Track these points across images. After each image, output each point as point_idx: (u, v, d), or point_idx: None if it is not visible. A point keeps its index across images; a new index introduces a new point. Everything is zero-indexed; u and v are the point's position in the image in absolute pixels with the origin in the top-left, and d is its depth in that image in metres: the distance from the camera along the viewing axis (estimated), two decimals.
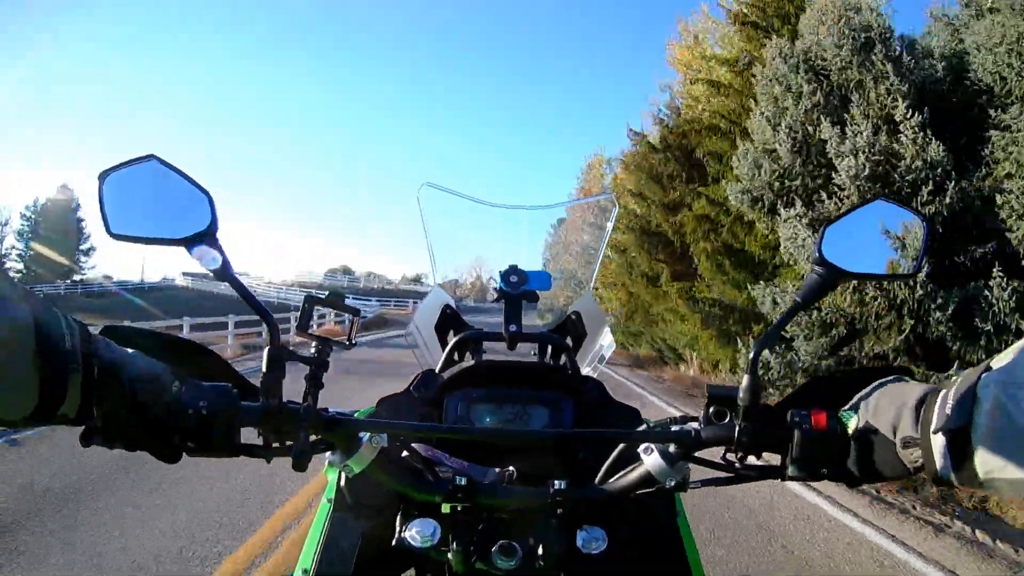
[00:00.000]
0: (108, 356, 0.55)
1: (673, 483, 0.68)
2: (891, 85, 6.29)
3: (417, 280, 54.96)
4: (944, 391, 0.54)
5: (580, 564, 0.73)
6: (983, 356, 5.02)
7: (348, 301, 0.73)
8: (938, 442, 0.53)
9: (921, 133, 5.87)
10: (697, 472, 0.71)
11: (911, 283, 5.63)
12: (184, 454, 0.61)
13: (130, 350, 0.59)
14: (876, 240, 0.71)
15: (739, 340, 8.27)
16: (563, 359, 1.08)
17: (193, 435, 0.59)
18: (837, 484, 0.66)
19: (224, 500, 3.68)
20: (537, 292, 1.07)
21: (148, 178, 0.63)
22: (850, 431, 0.62)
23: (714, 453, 0.69)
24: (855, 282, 5.22)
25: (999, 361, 0.51)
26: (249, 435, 0.64)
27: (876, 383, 0.65)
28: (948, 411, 0.52)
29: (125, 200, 0.62)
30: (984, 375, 0.51)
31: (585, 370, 1.14)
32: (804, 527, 3.73)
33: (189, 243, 0.62)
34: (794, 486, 4.34)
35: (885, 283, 5.49)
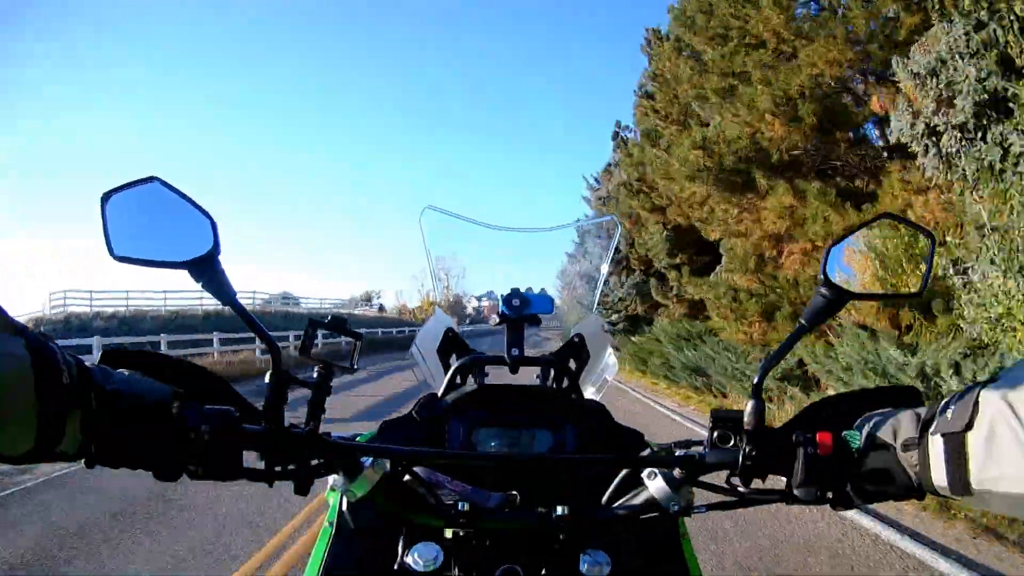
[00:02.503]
0: (107, 387, 0.54)
1: (677, 508, 0.67)
2: None
3: (368, 300, 48.56)
4: (947, 399, 0.55)
5: None
6: None
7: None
8: (936, 445, 0.53)
9: None
10: (701, 496, 0.70)
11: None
12: (185, 475, 0.60)
13: (128, 372, 0.59)
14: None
15: None
16: (566, 382, 1.07)
17: (195, 458, 0.59)
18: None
19: None
20: (540, 316, 1.06)
21: (150, 200, 0.63)
22: (854, 452, 0.62)
23: (719, 477, 0.68)
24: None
25: (1005, 373, 0.52)
26: (251, 458, 0.64)
27: (884, 404, 0.65)
28: (949, 415, 0.53)
29: (127, 222, 0.62)
30: (988, 384, 0.51)
31: (588, 393, 1.14)
32: None
33: (191, 266, 0.61)
34: None
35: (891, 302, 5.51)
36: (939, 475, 0.53)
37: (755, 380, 0.65)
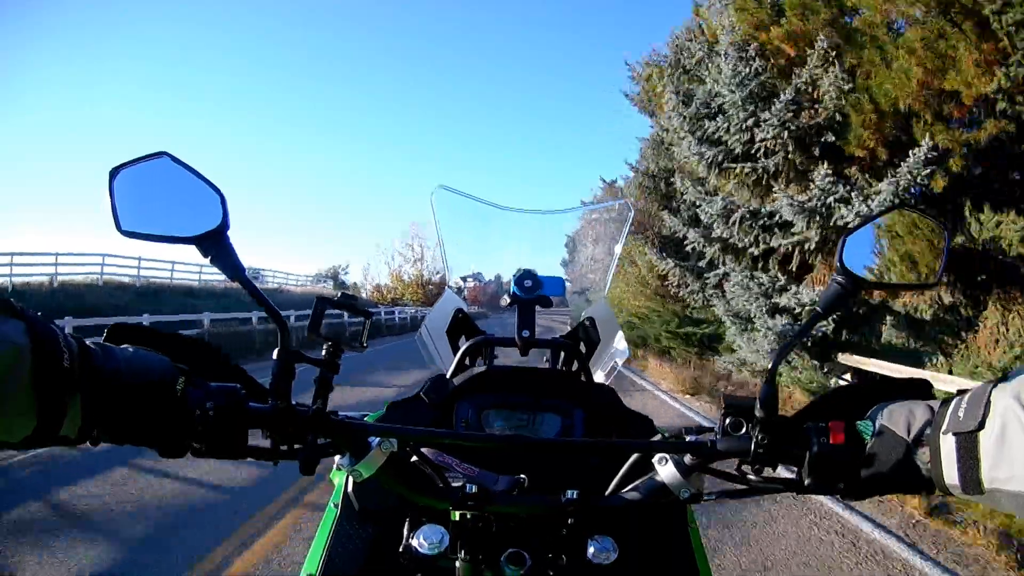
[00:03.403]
0: (110, 367, 0.53)
1: (687, 495, 0.66)
2: None
3: (334, 276, 45.00)
4: (958, 397, 0.54)
5: (590, 574, 0.71)
6: None
7: None
8: (947, 444, 0.53)
9: None
10: (710, 484, 0.69)
11: None
12: (189, 453, 0.60)
13: (132, 348, 0.58)
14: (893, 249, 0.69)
15: None
16: (576, 365, 1.07)
17: (200, 435, 0.58)
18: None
19: None
20: (551, 298, 1.05)
21: (159, 175, 0.62)
22: (867, 442, 0.61)
23: (728, 465, 0.68)
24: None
25: (1016, 372, 0.51)
26: (257, 437, 0.63)
27: (896, 394, 0.64)
28: (960, 414, 0.52)
29: (136, 197, 0.61)
30: (1000, 383, 0.51)
31: (598, 377, 1.13)
32: None
33: (200, 242, 0.61)
34: None
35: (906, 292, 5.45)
36: (951, 473, 0.53)
37: (769, 367, 0.64)
